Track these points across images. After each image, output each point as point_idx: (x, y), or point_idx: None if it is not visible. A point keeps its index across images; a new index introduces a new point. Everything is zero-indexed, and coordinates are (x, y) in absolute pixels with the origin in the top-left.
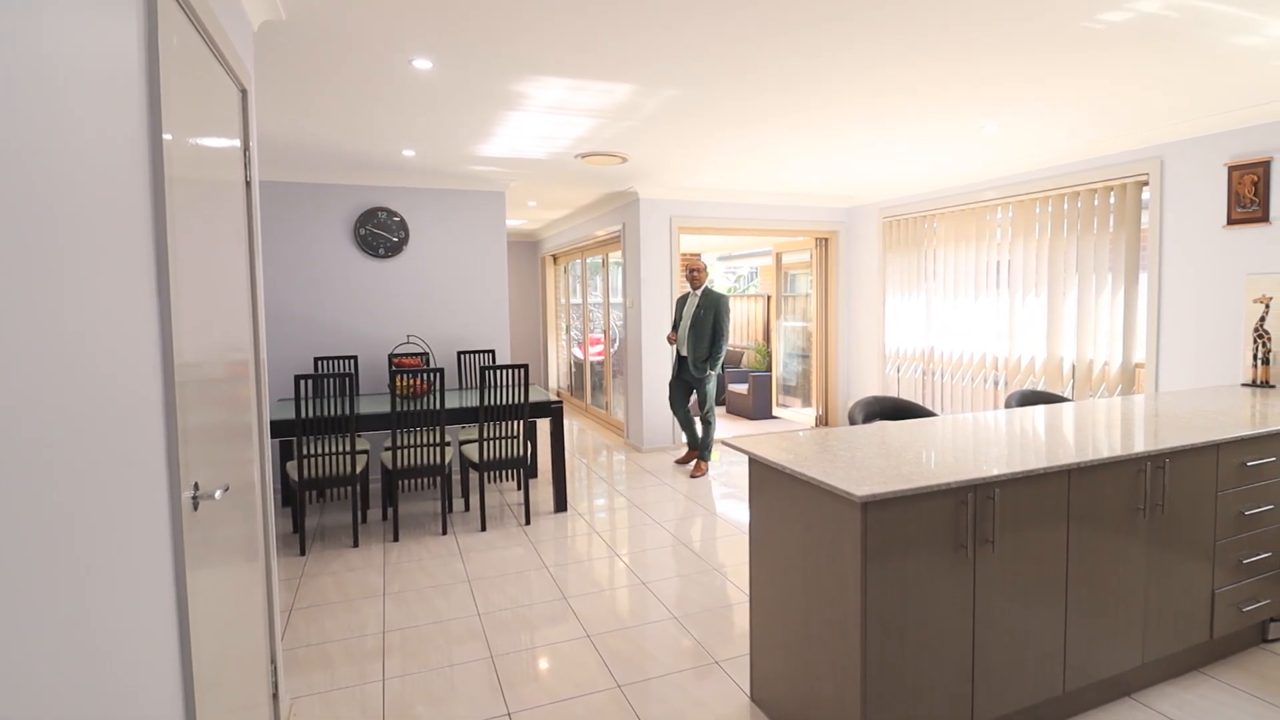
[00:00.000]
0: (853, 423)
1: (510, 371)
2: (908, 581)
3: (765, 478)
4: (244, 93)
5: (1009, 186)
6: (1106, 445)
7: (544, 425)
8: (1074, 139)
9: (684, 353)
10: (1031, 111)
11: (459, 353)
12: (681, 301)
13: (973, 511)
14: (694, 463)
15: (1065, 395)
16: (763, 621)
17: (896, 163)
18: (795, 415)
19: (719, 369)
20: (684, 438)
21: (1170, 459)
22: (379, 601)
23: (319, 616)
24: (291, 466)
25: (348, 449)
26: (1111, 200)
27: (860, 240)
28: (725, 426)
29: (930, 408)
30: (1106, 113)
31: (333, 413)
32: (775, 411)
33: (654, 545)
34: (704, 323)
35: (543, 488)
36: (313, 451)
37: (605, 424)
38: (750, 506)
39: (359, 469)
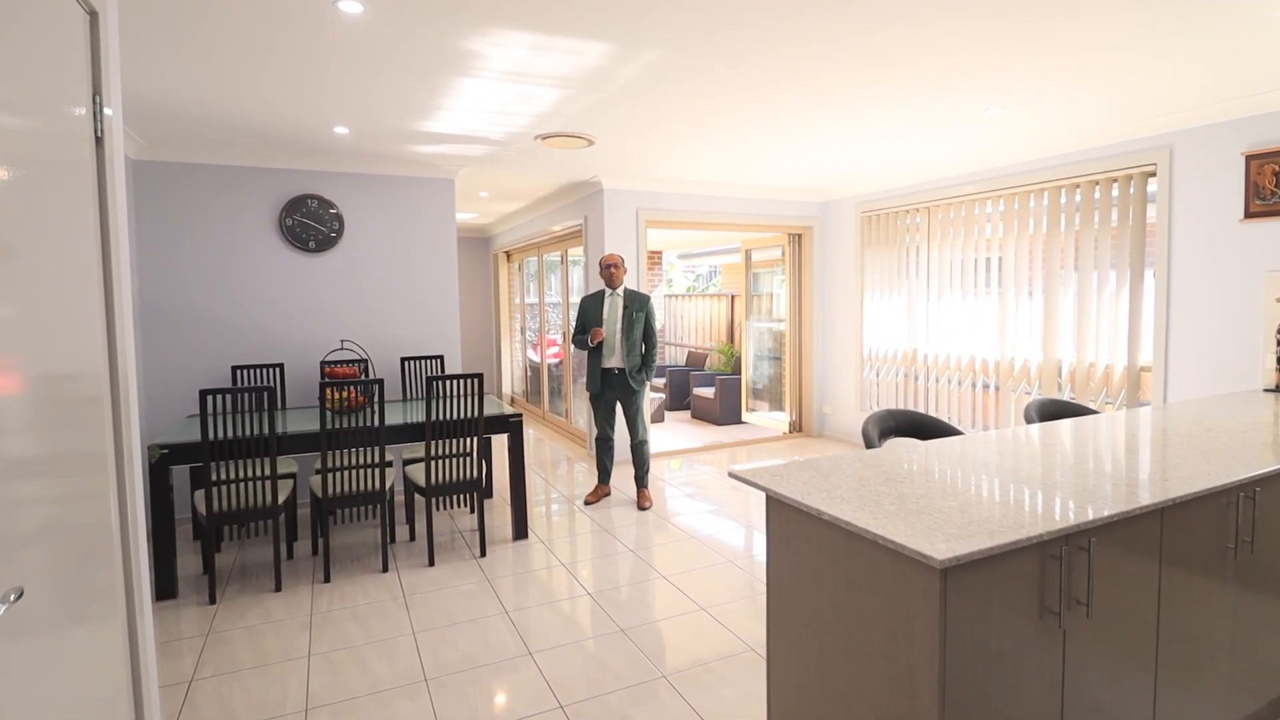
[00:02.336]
0: (867, 440)
1: (462, 382)
2: (990, 660)
3: (791, 521)
4: (92, 15)
5: (1001, 178)
6: (1193, 472)
7: (499, 437)
8: (1079, 126)
9: (614, 363)
10: (1039, 91)
11: (402, 359)
12: (593, 303)
13: (1064, 567)
14: (637, 494)
15: (1084, 404)
16: (785, 697)
17: (882, 152)
18: (765, 420)
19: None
20: (603, 464)
21: (1260, 487)
22: (303, 665)
23: (226, 690)
24: (200, 497)
25: (267, 474)
26: (1114, 193)
27: (836, 236)
28: (693, 433)
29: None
30: (1118, 94)
31: (248, 432)
32: (744, 417)
33: (628, 579)
34: (636, 326)
35: (499, 510)
36: (226, 478)
37: (565, 433)
38: (769, 555)
39: (282, 498)
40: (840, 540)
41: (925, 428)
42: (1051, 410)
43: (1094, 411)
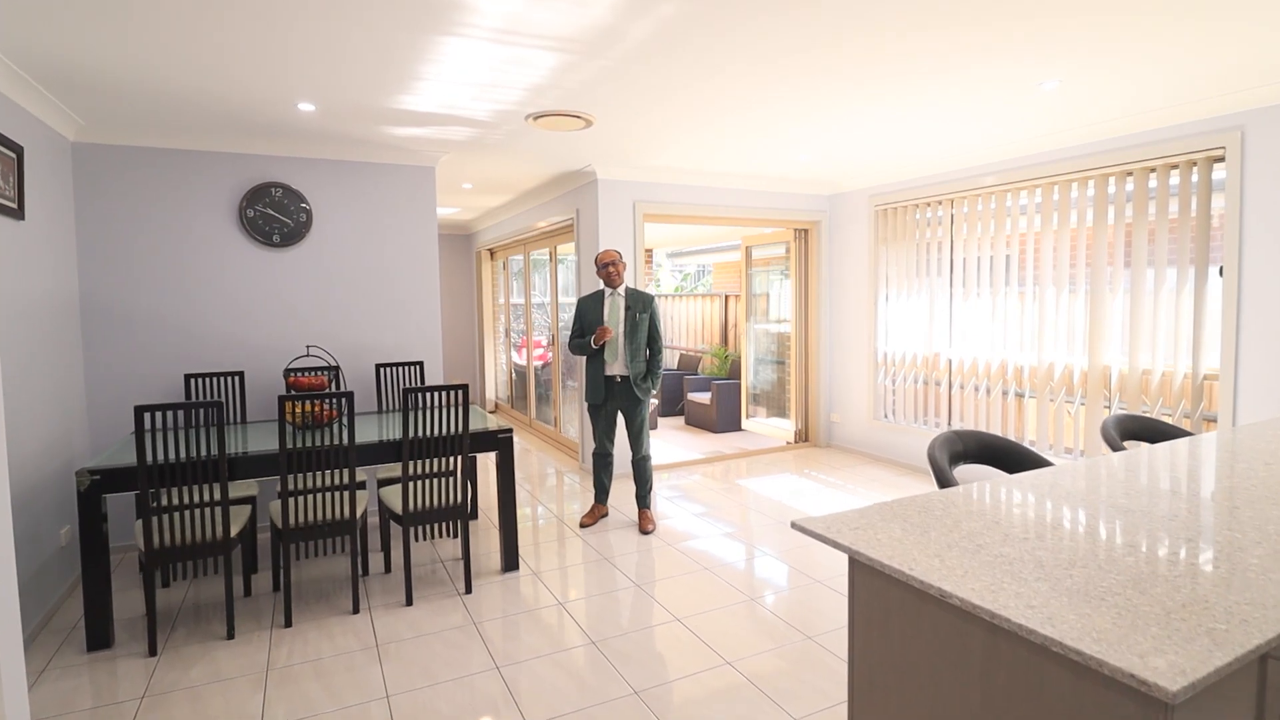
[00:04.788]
0: (938, 470)
1: (444, 393)
2: None
3: (889, 596)
4: None
5: (1039, 165)
6: None
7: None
8: (1136, 104)
9: (616, 370)
10: (1105, 60)
11: (378, 366)
12: (592, 304)
13: None
14: (638, 516)
15: (1174, 424)
16: None
17: (905, 137)
18: (767, 428)
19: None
20: (600, 482)
21: None
22: None
23: None
24: (142, 529)
25: (217, 500)
26: (1173, 180)
27: (846, 231)
28: (690, 441)
29: (939, 423)
30: (1186, 67)
31: (195, 453)
32: (744, 424)
33: (636, 623)
34: (640, 329)
35: (485, 533)
36: (169, 505)
37: (554, 443)
38: (854, 637)
39: (236, 528)
40: (976, 634)
41: (1002, 453)
42: (1132, 428)
43: (1186, 432)
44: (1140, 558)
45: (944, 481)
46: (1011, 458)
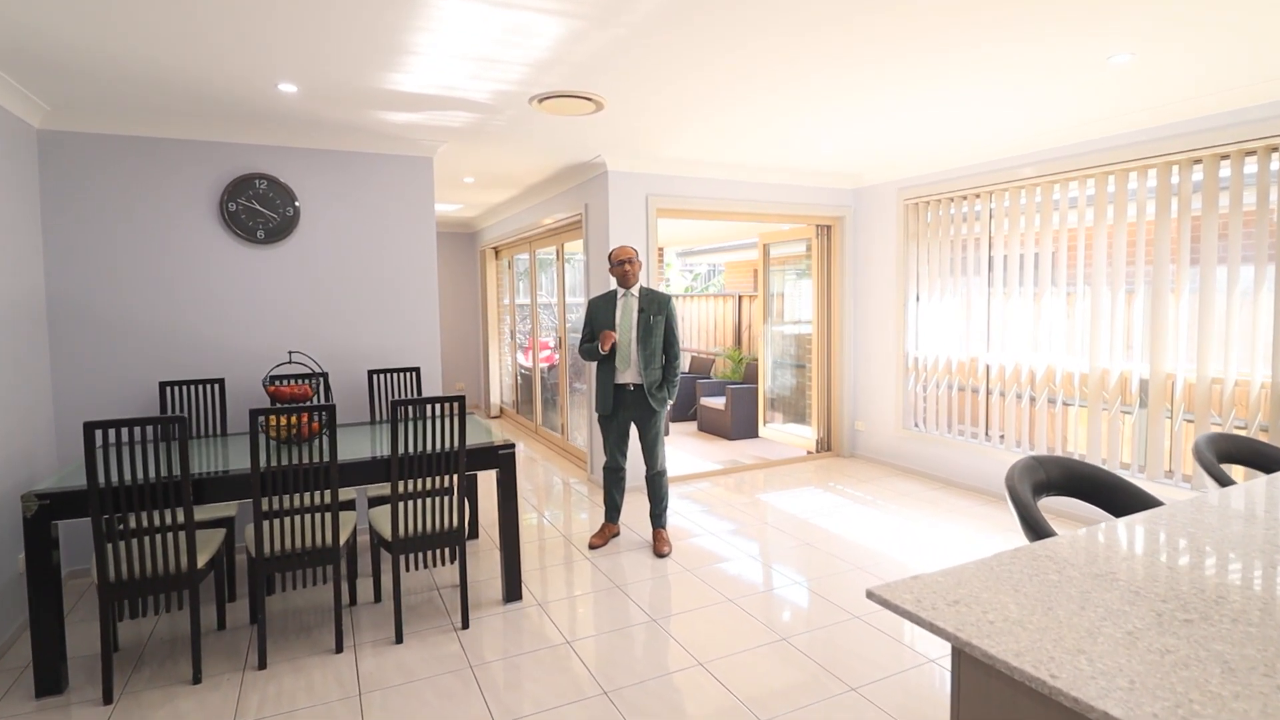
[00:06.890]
0: (1020, 504)
1: (438, 405)
2: None
3: (1022, 708)
4: None
5: (1092, 154)
6: None
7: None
8: (1210, 82)
9: (628, 378)
10: (1183, 31)
11: (371, 372)
12: (603, 306)
13: None
14: (653, 537)
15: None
16: None
17: (942, 124)
18: (784, 435)
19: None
20: (612, 499)
21: None
22: None
23: None
24: (103, 561)
25: (181, 524)
26: (1248, 169)
27: (872, 228)
28: (704, 449)
29: (975, 433)
30: (1268, 38)
31: (156, 474)
32: (761, 431)
33: (653, 668)
34: (654, 333)
35: (485, 555)
36: (129, 530)
37: (561, 451)
38: None
39: (205, 558)
40: None
41: (1095, 485)
42: (1228, 449)
43: None
44: None
45: (1033, 523)
46: (1107, 491)
